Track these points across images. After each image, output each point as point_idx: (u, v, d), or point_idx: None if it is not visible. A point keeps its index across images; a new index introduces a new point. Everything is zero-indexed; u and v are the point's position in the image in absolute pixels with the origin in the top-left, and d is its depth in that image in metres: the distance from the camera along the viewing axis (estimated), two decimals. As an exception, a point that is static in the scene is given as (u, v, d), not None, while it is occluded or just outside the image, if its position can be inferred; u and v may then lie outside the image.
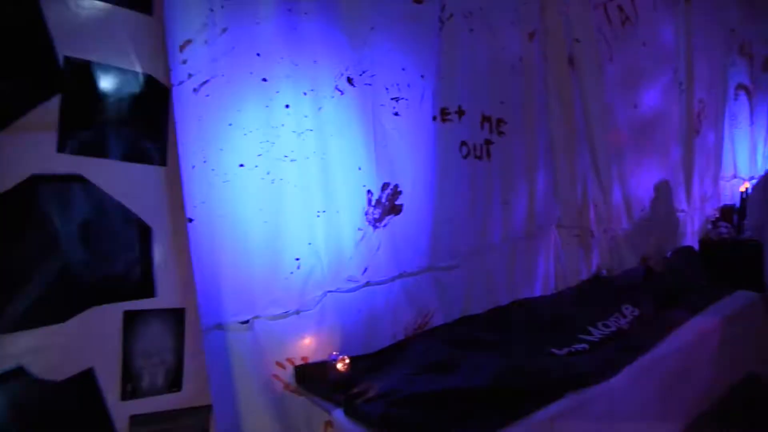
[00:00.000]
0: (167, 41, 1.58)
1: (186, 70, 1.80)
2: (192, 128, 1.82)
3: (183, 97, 1.79)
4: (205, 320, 1.79)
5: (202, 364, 1.59)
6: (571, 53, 3.21)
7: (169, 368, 1.52)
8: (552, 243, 3.22)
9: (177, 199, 1.56)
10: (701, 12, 4.02)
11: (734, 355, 2.90)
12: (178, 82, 1.76)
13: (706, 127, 4.18)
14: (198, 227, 1.82)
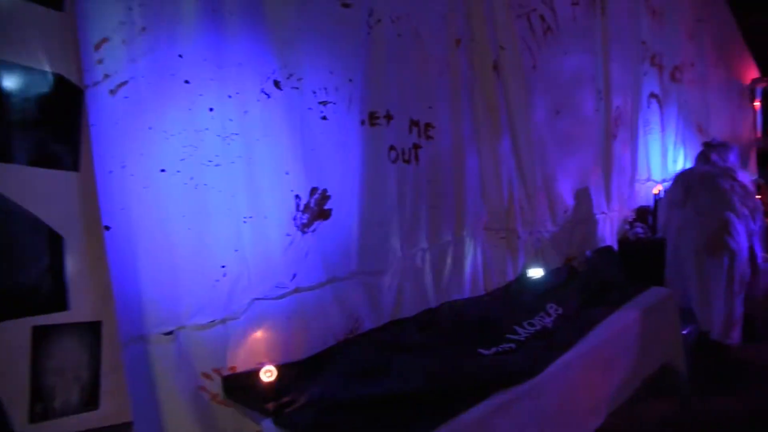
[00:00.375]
0: (81, 39, 1.50)
1: (102, 71, 1.72)
2: (109, 132, 1.73)
3: (99, 99, 1.70)
4: (125, 332, 1.70)
5: (122, 379, 1.51)
6: (496, 60, 3.30)
7: (84, 385, 1.44)
8: (480, 245, 3.29)
9: (92, 205, 1.48)
10: (616, 24, 4.23)
11: (650, 348, 3.06)
12: (92, 83, 1.68)
13: (623, 132, 4.39)
14: (117, 235, 1.74)
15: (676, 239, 3.90)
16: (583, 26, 3.99)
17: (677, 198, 3.89)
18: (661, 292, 3.26)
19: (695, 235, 3.75)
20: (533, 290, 3.18)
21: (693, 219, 3.77)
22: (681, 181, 3.92)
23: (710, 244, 3.69)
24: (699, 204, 3.77)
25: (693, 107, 5.41)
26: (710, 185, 3.76)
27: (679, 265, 3.88)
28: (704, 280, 3.74)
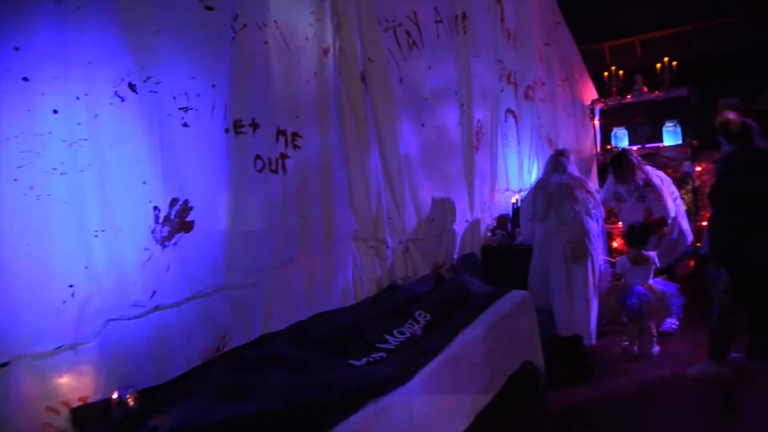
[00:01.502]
0: None
1: None
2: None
3: None
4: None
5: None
6: (363, 72, 3.34)
7: None
8: (350, 255, 3.30)
9: None
10: (475, 43, 4.49)
11: (512, 348, 3.25)
12: None
13: (484, 144, 4.65)
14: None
15: (542, 248, 4.11)
16: (445, 43, 4.19)
17: (540, 211, 4.07)
18: (519, 295, 3.47)
19: (561, 244, 3.97)
20: (402, 298, 3.24)
21: (558, 229, 3.99)
22: (541, 193, 4.08)
23: (575, 251, 3.95)
24: (562, 214, 3.98)
25: (544, 123, 5.88)
26: (570, 195, 3.99)
27: (544, 272, 4.10)
28: (571, 286, 3.98)
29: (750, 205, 3.51)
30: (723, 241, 3.67)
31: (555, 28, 6.33)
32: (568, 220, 3.90)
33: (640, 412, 3.65)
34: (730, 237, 3.60)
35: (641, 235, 4.49)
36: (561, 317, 3.97)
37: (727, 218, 3.64)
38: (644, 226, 4.61)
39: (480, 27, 4.60)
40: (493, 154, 4.84)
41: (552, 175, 4.07)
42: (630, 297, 4.29)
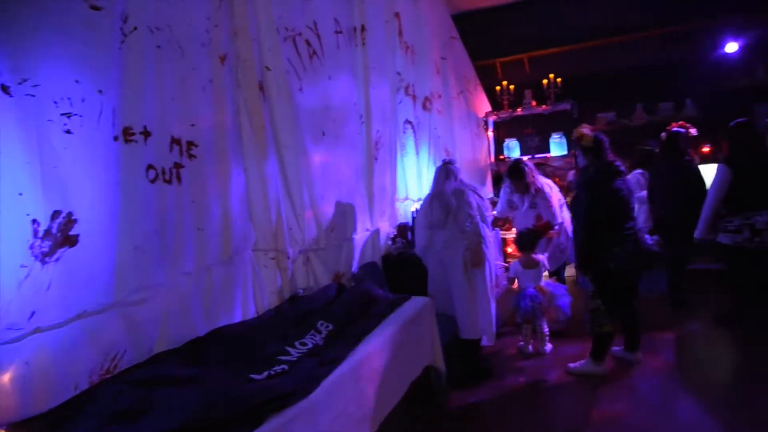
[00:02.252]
0: None
1: None
2: None
3: None
4: None
5: None
6: (262, 80, 3.30)
7: None
8: (249, 267, 3.23)
9: None
10: (374, 55, 4.56)
11: (414, 353, 3.31)
12: None
13: (383, 154, 4.72)
14: None
15: (442, 256, 4.19)
16: (345, 54, 4.22)
17: (437, 220, 4.15)
18: (420, 301, 3.55)
19: (461, 251, 4.07)
20: (304, 309, 3.21)
21: (457, 237, 4.10)
22: (437, 202, 4.17)
23: (474, 257, 4.07)
24: (459, 221, 4.09)
25: (441, 133, 6.08)
26: (465, 202, 4.10)
27: (445, 277, 4.19)
28: (472, 290, 4.11)
29: (603, 215, 3.85)
30: (584, 250, 3.98)
31: (450, 42, 6.58)
32: (465, 227, 4.04)
33: (535, 407, 3.85)
34: (590, 246, 3.92)
35: (530, 240, 4.76)
36: (465, 321, 4.10)
37: (585, 228, 3.95)
38: (532, 231, 4.89)
39: (378, 39, 4.68)
40: (392, 164, 4.93)
41: (445, 183, 4.17)
42: (523, 299, 4.53)
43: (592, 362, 4.16)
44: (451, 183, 4.15)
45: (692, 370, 4.15)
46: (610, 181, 3.87)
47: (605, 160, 3.96)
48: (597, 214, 3.86)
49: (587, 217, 3.90)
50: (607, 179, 3.88)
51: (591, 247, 3.92)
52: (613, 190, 3.85)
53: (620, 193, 3.87)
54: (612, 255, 3.84)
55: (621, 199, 3.87)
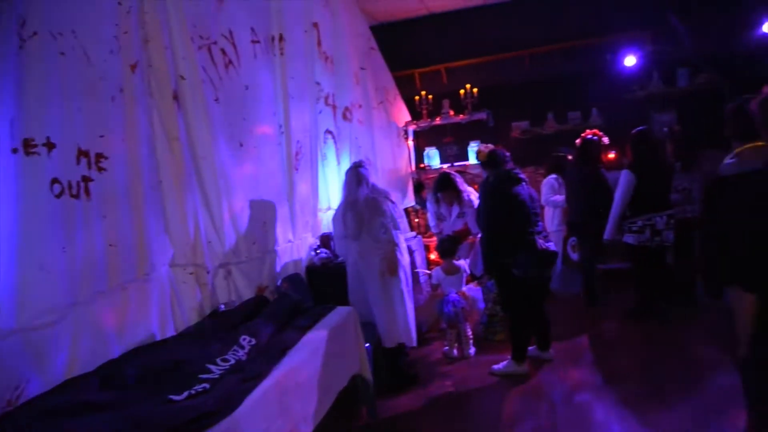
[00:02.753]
0: None
1: None
2: None
3: None
4: None
5: None
6: (176, 90, 3.19)
7: None
8: (167, 283, 3.10)
9: None
10: (293, 65, 4.53)
11: (341, 363, 3.29)
12: None
13: (304, 165, 4.69)
14: None
15: (358, 265, 4.22)
16: (263, 64, 4.16)
17: (352, 230, 4.16)
18: (344, 310, 3.54)
19: (376, 260, 4.11)
20: (226, 324, 3.12)
21: (372, 246, 4.14)
22: (351, 212, 4.17)
23: (389, 265, 4.12)
24: (373, 231, 4.13)
25: (362, 143, 6.11)
26: (378, 210, 4.15)
27: (362, 287, 4.23)
28: (389, 297, 4.15)
29: (504, 220, 4.04)
30: (488, 257, 4.16)
31: (370, 53, 6.64)
32: (379, 236, 4.08)
33: (462, 410, 3.94)
34: (493, 252, 4.11)
35: (450, 247, 4.89)
36: (384, 329, 4.13)
37: (488, 233, 4.15)
38: (452, 238, 5.02)
39: (297, 49, 4.66)
40: (313, 174, 4.90)
41: (357, 190, 4.15)
42: (446, 305, 4.62)
43: (513, 363, 4.31)
44: (363, 190, 4.15)
45: (604, 365, 4.37)
46: (508, 187, 4.09)
47: (503, 170, 4.18)
48: (498, 220, 4.07)
49: (489, 223, 4.09)
50: (505, 186, 4.10)
51: (494, 251, 4.10)
52: (511, 195, 4.06)
53: (519, 198, 4.07)
54: (515, 261, 4.01)
55: (520, 204, 4.07)
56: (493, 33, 7.28)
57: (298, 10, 4.75)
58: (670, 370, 4.10)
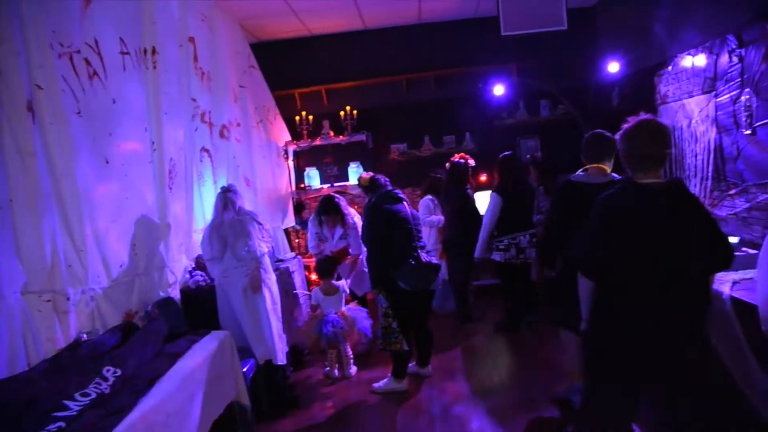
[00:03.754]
0: None
1: None
2: None
3: None
4: None
5: None
6: (31, 100, 2.93)
7: None
8: (18, 313, 2.79)
9: None
10: (166, 79, 4.32)
11: (216, 390, 3.15)
12: None
13: (178, 184, 4.47)
14: None
15: (224, 286, 4.17)
16: (133, 77, 3.94)
17: (216, 252, 4.14)
18: (219, 335, 3.41)
19: (241, 279, 4.08)
20: (87, 355, 2.87)
21: (236, 265, 4.10)
22: (215, 235, 4.15)
23: (253, 283, 4.07)
24: (237, 251, 4.09)
25: (240, 162, 5.95)
26: (243, 232, 4.11)
27: (230, 308, 4.15)
28: (255, 317, 4.09)
29: (387, 237, 4.23)
30: (374, 270, 4.34)
31: (249, 71, 6.54)
32: (243, 255, 4.06)
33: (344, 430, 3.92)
34: (379, 266, 4.29)
35: (328, 267, 4.89)
36: (256, 348, 4.08)
37: (373, 250, 4.34)
38: (330, 258, 5.03)
39: (172, 63, 4.46)
40: (188, 194, 4.69)
41: (223, 214, 4.19)
42: (325, 325, 4.60)
43: (393, 380, 4.39)
44: (228, 214, 4.17)
45: (478, 377, 4.57)
46: (391, 206, 4.31)
47: (385, 191, 4.40)
48: (383, 237, 4.26)
49: (375, 240, 4.26)
50: (387, 204, 4.32)
51: (380, 267, 4.25)
52: (394, 213, 4.28)
53: (401, 215, 4.28)
54: (400, 273, 4.16)
55: (402, 220, 4.29)
56: (372, 57, 7.49)
57: (173, 23, 4.57)
58: (538, 379, 4.37)
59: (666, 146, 2.52)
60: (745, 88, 4.14)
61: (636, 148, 2.52)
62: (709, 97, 4.63)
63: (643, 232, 2.43)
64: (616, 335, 2.54)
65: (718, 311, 3.12)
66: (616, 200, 2.51)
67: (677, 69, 5.18)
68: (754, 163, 4.13)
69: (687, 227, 2.43)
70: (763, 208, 4.06)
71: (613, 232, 2.48)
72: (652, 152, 2.50)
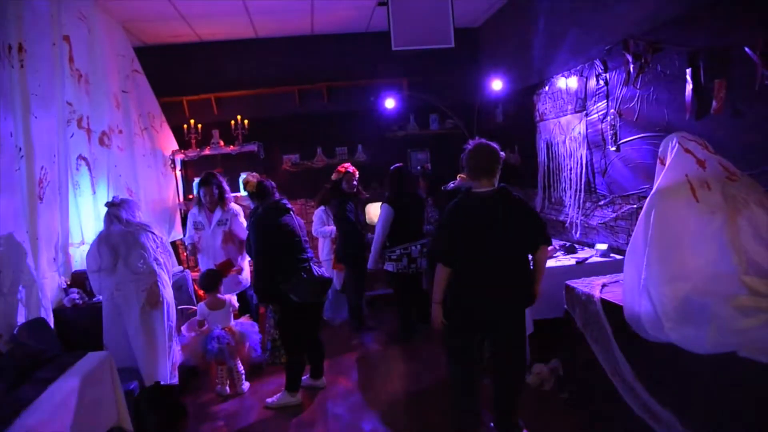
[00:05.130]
0: None
1: None
2: None
3: None
4: None
5: None
6: None
7: None
8: None
9: None
10: (36, 80, 4.00)
11: (94, 417, 2.93)
12: None
13: (50, 194, 4.13)
14: None
15: (116, 299, 3.92)
16: (-3, 76, 3.61)
17: (107, 264, 3.93)
18: (97, 356, 3.17)
19: (136, 293, 3.87)
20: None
21: (131, 278, 3.89)
22: (105, 245, 3.95)
23: (150, 298, 3.89)
24: (131, 263, 3.91)
25: (123, 171, 5.60)
26: (136, 243, 3.96)
27: (120, 324, 3.91)
28: (150, 332, 3.89)
29: (274, 248, 4.19)
30: (261, 282, 4.26)
31: (133, 76, 6.21)
32: (138, 268, 3.88)
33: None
34: (266, 278, 4.22)
35: (213, 280, 4.71)
36: (144, 367, 3.87)
37: (259, 262, 4.25)
38: (213, 271, 4.84)
39: (43, 63, 4.12)
40: (62, 205, 4.36)
41: (111, 227, 4.02)
42: (210, 342, 4.43)
43: (287, 394, 4.31)
44: (115, 226, 4.00)
45: (372, 386, 4.60)
46: (278, 217, 4.23)
47: (272, 200, 4.31)
48: (271, 248, 4.18)
49: (262, 252, 4.17)
50: (275, 216, 4.24)
51: (267, 279, 4.17)
52: (281, 225, 4.21)
53: (288, 227, 4.23)
54: (291, 285, 4.11)
55: (290, 232, 4.23)
56: (265, 66, 7.39)
57: (44, 20, 4.23)
58: (432, 386, 4.48)
59: (494, 162, 3.30)
60: (610, 108, 4.55)
61: (473, 162, 3.31)
62: (581, 116, 5.03)
63: (475, 227, 3.23)
64: (460, 310, 3.34)
65: (591, 313, 3.38)
66: (457, 204, 3.32)
67: (553, 89, 5.57)
68: (620, 176, 4.53)
69: (510, 221, 3.22)
70: (627, 217, 4.45)
71: (454, 228, 3.28)
72: (485, 166, 3.29)
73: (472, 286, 3.28)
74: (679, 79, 3.61)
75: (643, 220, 2.83)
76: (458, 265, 3.27)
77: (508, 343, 3.42)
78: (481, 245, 3.22)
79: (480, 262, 3.24)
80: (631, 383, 3.06)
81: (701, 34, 3.42)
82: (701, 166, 2.73)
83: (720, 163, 2.75)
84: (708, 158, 2.76)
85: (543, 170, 5.92)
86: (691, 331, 2.52)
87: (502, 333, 3.40)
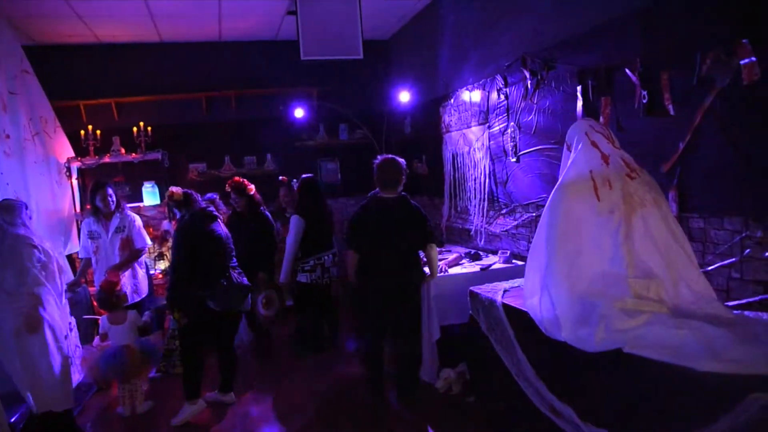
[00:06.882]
0: None
1: None
2: None
3: None
4: None
5: None
6: None
7: None
8: None
9: None
10: None
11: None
12: None
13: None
14: None
15: None
16: None
17: None
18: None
19: (10, 316, 3.54)
20: None
21: (4, 300, 3.55)
22: None
23: (28, 323, 3.56)
24: (6, 283, 3.57)
25: (11, 179, 5.21)
26: (7, 259, 3.61)
27: None
28: (27, 358, 3.57)
29: (201, 258, 4.08)
30: (179, 291, 4.12)
31: (22, 76, 5.80)
32: (12, 289, 3.57)
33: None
34: (187, 286, 4.08)
35: (103, 301, 4.47)
36: (30, 395, 3.55)
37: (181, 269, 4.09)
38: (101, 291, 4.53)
39: None
40: None
41: None
42: (103, 359, 4.22)
43: (188, 405, 4.17)
44: None
45: (284, 398, 4.54)
46: (206, 224, 4.18)
47: (198, 208, 4.18)
48: (197, 255, 4.08)
49: (184, 260, 4.04)
50: (201, 224, 4.17)
51: (184, 286, 4.03)
52: (209, 232, 4.16)
53: (215, 234, 4.18)
54: (211, 293, 4.01)
55: (217, 239, 4.18)
56: (169, 72, 7.16)
57: None
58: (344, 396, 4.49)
59: (398, 174, 4.08)
60: (510, 121, 4.79)
61: (381, 175, 4.10)
62: (484, 128, 5.26)
63: (378, 225, 4.06)
64: (366, 290, 4.16)
65: (494, 317, 3.53)
66: (366, 206, 4.16)
67: (458, 102, 5.79)
68: (520, 186, 4.78)
69: (404, 222, 4.07)
70: (527, 225, 4.69)
71: (362, 224, 4.11)
72: (390, 177, 4.09)
73: (374, 269, 4.10)
74: (571, 95, 3.87)
75: (547, 213, 2.90)
76: (364, 252, 4.11)
77: (405, 314, 4.22)
78: (381, 238, 4.05)
79: (380, 250, 4.07)
80: (534, 383, 3.19)
81: (589, 54, 3.69)
82: (605, 162, 2.81)
83: (622, 159, 2.84)
84: (612, 153, 2.85)
85: (449, 180, 6.12)
86: (584, 331, 2.65)
87: (399, 304, 4.17)
